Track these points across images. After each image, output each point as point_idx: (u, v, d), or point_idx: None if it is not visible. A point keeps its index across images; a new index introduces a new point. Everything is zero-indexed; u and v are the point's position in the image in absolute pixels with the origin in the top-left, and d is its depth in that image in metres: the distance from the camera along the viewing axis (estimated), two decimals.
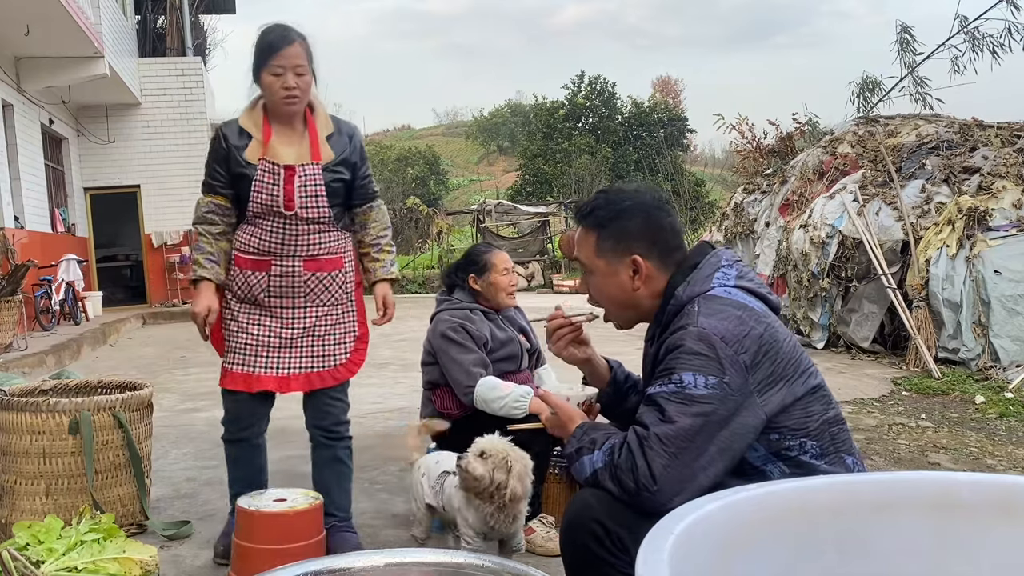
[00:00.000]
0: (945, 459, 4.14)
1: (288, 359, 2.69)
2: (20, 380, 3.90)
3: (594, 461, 1.63)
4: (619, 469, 1.57)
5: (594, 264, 1.82)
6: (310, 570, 1.61)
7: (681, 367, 1.59)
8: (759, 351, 1.60)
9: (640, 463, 1.54)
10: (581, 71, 37.63)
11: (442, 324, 3.07)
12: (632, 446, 1.57)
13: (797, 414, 1.65)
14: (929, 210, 7.09)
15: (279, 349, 2.69)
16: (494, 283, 3.12)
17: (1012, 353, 5.92)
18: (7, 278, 8.36)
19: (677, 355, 1.61)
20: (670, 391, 1.58)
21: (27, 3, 9.15)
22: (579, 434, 1.72)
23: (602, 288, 1.83)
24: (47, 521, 2.45)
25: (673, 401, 1.57)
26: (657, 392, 1.60)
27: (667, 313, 1.73)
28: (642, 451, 1.55)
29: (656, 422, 1.57)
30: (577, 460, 1.67)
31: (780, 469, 1.65)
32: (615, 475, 1.58)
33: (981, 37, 11.02)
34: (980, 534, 1.19)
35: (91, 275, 14.10)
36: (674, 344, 1.63)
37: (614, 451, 1.60)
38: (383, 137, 53.81)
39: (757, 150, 12.20)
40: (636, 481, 1.54)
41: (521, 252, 19.88)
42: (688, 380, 1.57)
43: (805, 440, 1.65)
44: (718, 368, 1.57)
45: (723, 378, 1.56)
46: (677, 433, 1.54)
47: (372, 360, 2.55)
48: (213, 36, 21.93)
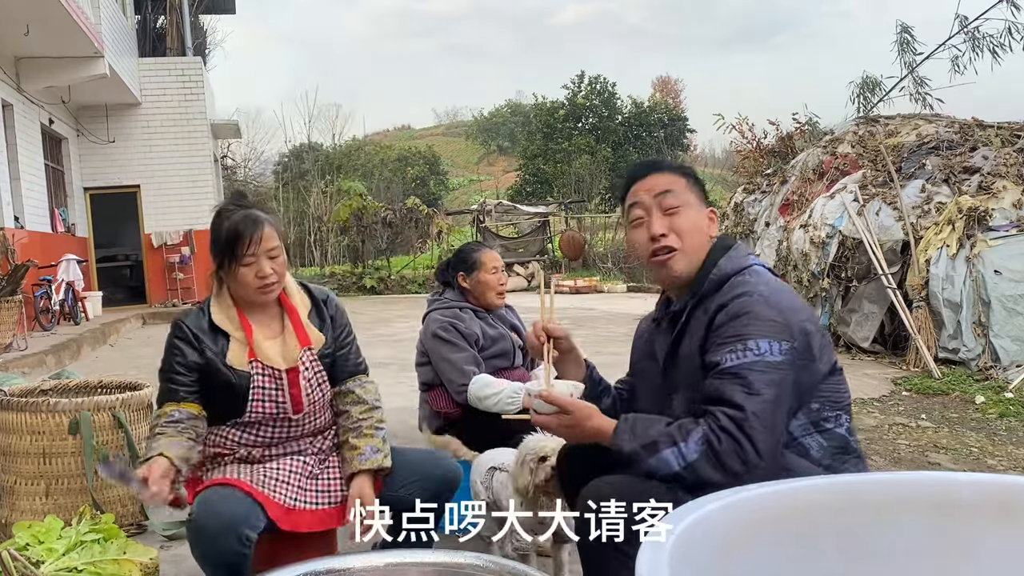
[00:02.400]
0: (945, 459, 4.14)
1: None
2: (20, 380, 3.90)
3: (685, 454, 1.57)
4: (724, 454, 1.54)
5: (687, 198, 1.82)
6: (310, 570, 1.61)
7: (755, 333, 1.60)
8: (813, 320, 1.68)
9: (746, 445, 1.54)
10: (581, 71, 37.58)
11: (433, 324, 3.08)
12: (731, 430, 1.55)
13: (833, 386, 1.71)
14: (929, 210, 7.09)
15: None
16: (483, 281, 3.12)
17: (1012, 353, 5.92)
18: (7, 278, 8.36)
19: (748, 321, 1.62)
20: (751, 361, 1.59)
21: (27, 3, 9.15)
22: (628, 430, 1.64)
23: (693, 223, 1.81)
24: (47, 521, 2.45)
25: (756, 371, 1.58)
26: (737, 364, 1.59)
27: (708, 282, 1.75)
28: (743, 432, 1.54)
29: (746, 398, 1.56)
30: (653, 456, 1.59)
31: (818, 443, 1.69)
32: (719, 462, 1.55)
33: (981, 37, 11.03)
34: (980, 534, 1.19)
35: (91, 275, 14.09)
36: (741, 310, 1.64)
37: (710, 439, 1.56)
38: (383, 137, 53.77)
39: (757, 150, 12.19)
40: (745, 462, 1.53)
41: (521, 252, 19.87)
42: (764, 347, 1.59)
43: (840, 413, 1.72)
44: (788, 334, 1.61)
45: (793, 343, 1.61)
46: (766, 405, 1.56)
47: (372, 360, 2.51)
48: (213, 36, 22.01)
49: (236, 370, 2.17)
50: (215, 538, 1.98)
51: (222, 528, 1.98)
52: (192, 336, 2.18)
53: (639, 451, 1.61)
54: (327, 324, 2.32)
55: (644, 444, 1.61)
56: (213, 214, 2.23)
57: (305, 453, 2.27)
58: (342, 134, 40.06)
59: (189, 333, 2.18)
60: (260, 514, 2.07)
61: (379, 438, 2.25)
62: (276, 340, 2.24)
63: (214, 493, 2.07)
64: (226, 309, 2.22)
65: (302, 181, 28.09)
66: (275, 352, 2.21)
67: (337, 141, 37.96)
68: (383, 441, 2.25)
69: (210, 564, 2.03)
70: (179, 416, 2.12)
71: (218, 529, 1.98)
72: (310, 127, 54.59)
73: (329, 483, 2.25)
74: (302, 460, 2.25)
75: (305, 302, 2.32)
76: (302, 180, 28.32)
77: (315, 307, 2.33)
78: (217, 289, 2.24)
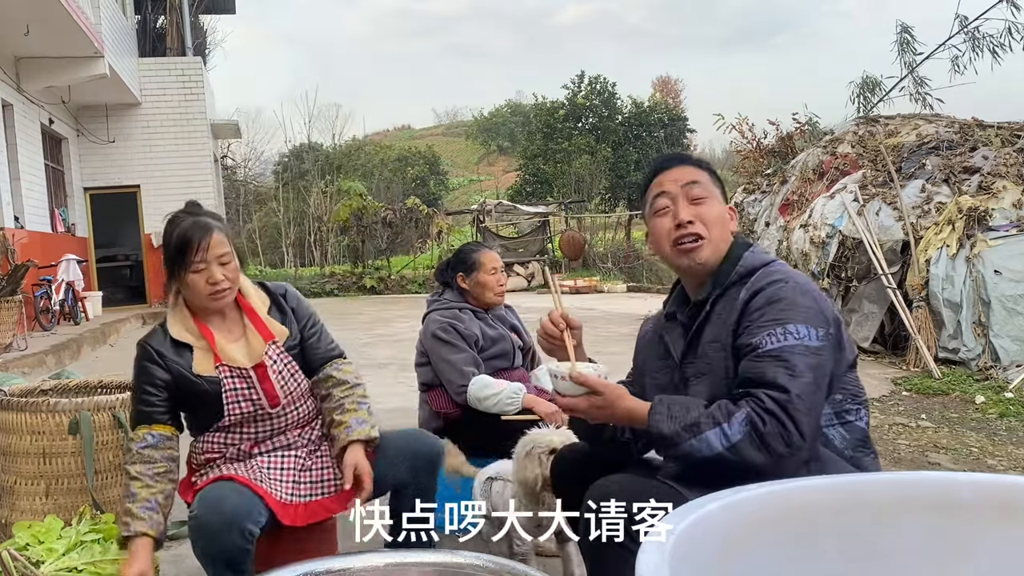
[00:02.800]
0: (945, 459, 4.14)
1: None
2: (20, 380, 3.89)
3: (729, 435, 1.55)
4: (768, 436, 1.54)
5: (711, 190, 1.85)
6: (310, 570, 1.61)
7: (793, 318, 1.63)
8: (834, 310, 1.72)
9: (791, 427, 1.54)
10: (581, 71, 37.57)
11: (432, 325, 3.08)
12: (776, 412, 1.55)
13: (853, 380, 1.75)
14: (929, 210, 7.09)
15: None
16: (482, 282, 3.12)
17: (1012, 353, 5.92)
18: (7, 278, 8.36)
19: (786, 306, 1.65)
20: (792, 344, 1.61)
21: (27, 3, 9.15)
22: (665, 411, 1.63)
23: (720, 212, 1.84)
24: (47, 521, 2.45)
25: (799, 354, 1.60)
26: (779, 346, 1.61)
27: (734, 274, 1.78)
28: (788, 414, 1.54)
29: (790, 380, 1.57)
30: (695, 437, 1.57)
31: (840, 434, 1.73)
32: (764, 443, 1.54)
33: (981, 37, 11.02)
34: (980, 534, 1.19)
35: (91, 275, 14.10)
36: (777, 296, 1.67)
37: (753, 420, 1.55)
38: (383, 137, 53.78)
39: (757, 150, 12.18)
40: (789, 443, 1.54)
41: (521, 252, 19.87)
42: (803, 332, 1.62)
43: (860, 407, 1.75)
44: (824, 320, 1.65)
45: (828, 329, 1.65)
46: (808, 387, 1.58)
47: (372, 360, 2.51)
48: (213, 36, 22.02)
49: (205, 377, 2.19)
50: (217, 534, 1.97)
51: (224, 524, 1.97)
52: (156, 354, 2.21)
53: (680, 432, 1.59)
54: (288, 316, 2.33)
55: (685, 425, 1.59)
56: (165, 223, 2.24)
57: (294, 447, 2.28)
58: (342, 134, 40.11)
59: (153, 352, 2.21)
60: (261, 507, 2.07)
61: (363, 410, 2.26)
62: (239, 342, 2.25)
63: (214, 489, 2.08)
64: (184, 321, 2.24)
65: (302, 181, 28.09)
66: (239, 353, 2.23)
67: (337, 141, 38.00)
68: (368, 413, 2.26)
69: (212, 561, 2.01)
70: (153, 441, 2.16)
71: (220, 525, 1.97)
72: (310, 127, 54.71)
73: (322, 473, 2.26)
74: (293, 454, 2.26)
75: (264, 299, 2.33)
76: (302, 180, 28.32)
77: (274, 303, 2.34)
78: (173, 302, 2.26)
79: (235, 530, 1.97)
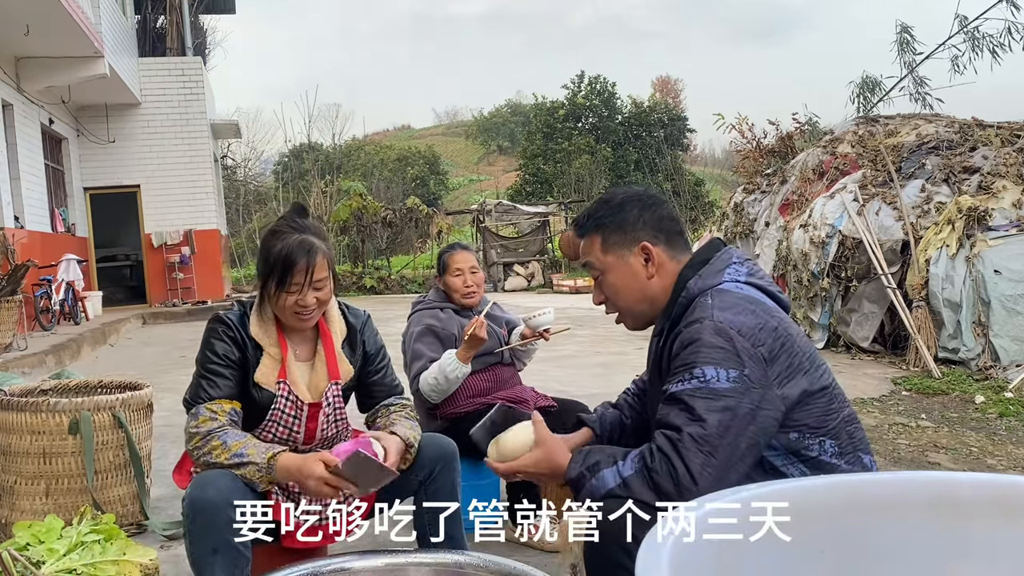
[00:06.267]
0: (945, 459, 4.14)
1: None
2: (20, 380, 3.89)
3: (621, 471, 1.57)
4: (656, 473, 1.52)
5: (604, 263, 1.81)
6: (310, 570, 1.61)
7: (701, 361, 1.57)
8: (775, 343, 1.60)
9: (678, 465, 1.51)
10: (581, 71, 37.58)
11: (411, 325, 3.14)
12: (665, 449, 1.53)
13: (816, 411, 1.64)
14: (929, 210, 7.09)
15: None
16: (448, 284, 3.18)
17: (1012, 353, 5.92)
18: (7, 278, 8.36)
19: (696, 349, 1.59)
20: (694, 387, 1.56)
21: (27, 3, 9.15)
22: (579, 458, 1.66)
23: (617, 285, 1.81)
24: (47, 521, 2.45)
25: (699, 397, 1.55)
26: (681, 390, 1.58)
27: (678, 305, 1.72)
28: (677, 453, 1.52)
29: (687, 422, 1.54)
30: (593, 476, 1.60)
31: (800, 470, 1.64)
32: (651, 480, 1.53)
33: (981, 37, 11.03)
34: (980, 534, 1.19)
35: (91, 275, 14.10)
36: (691, 338, 1.61)
37: (645, 457, 1.55)
38: (383, 137, 53.74)
39: (757, 150, 12.18)
40: (676, 483, 1.50)
41: (521, 252, 19.88)
42: (711, 374, 1.56)
43: (824, 439, 1.64)
44: (737, 361, 1.56)
45: (743, 371, 1.56)
46: (709, 431, 1.52)
47: None
48: (213, 36, 22.04)
49: (262, 388, 2.13)
50: (207, 510, 1.88)
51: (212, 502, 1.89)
52: (241, 334, 2.14)
53: (584, 473, 1.62)
54: (357, 354, 2.29)
55: (588, 466, 1.62)
56: (266, 231, 2.17)
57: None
58: (342, 134, 40.13)
59: (234, 329, 2.14)
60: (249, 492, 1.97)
61: (412, 426, 2.24)
62: (306, 364, 2.21)
63: (207, 473, 1.99)
64: (265, 324, 2.17)
65: (302, 181, 28.08)
66: (303, 380, 2.18)
67: (337, 141, 38.01)
68: (416, 433, 2.22)
69: (201, 545, 1.90)
70: (237, 417, 2.08)
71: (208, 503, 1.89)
72: (310, 127, 54.48)
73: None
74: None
75: (342, 330, 2.27)
76: (302, 180, 28.32)
77: (349, 336, 2.29)
78: (259, 302, 2.19)
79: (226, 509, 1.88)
